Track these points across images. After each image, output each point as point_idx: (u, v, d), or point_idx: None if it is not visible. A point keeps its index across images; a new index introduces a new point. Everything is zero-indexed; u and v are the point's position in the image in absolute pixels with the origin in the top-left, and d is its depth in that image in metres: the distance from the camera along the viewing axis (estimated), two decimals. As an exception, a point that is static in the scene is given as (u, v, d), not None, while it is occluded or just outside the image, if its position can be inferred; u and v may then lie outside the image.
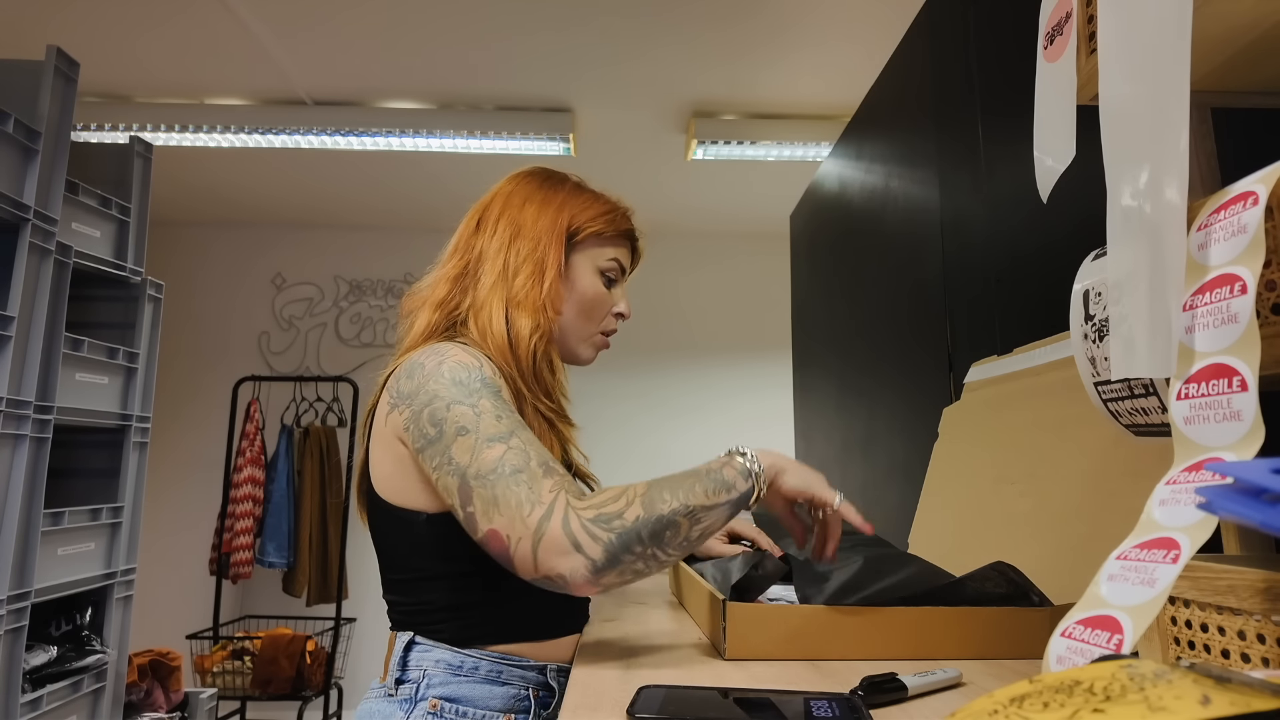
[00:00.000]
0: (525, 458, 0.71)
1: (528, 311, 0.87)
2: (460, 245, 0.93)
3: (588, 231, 0.92)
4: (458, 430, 0.73)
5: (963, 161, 1.28)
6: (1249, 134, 0.65)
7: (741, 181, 3.33)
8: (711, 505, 0.72)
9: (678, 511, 0.70)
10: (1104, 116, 0.52)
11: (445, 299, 0.89)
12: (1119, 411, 0.59)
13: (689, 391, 3.95)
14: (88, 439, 1.70)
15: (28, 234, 1.42)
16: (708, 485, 0.72)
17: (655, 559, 0.70)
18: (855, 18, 2.18)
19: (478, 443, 0.72)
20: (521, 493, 0.69)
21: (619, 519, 0.69)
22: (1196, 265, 0.46)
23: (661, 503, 0.70)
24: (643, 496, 0.70)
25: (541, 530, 0.67)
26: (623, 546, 0.68)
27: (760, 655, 0.72)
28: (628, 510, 0.69)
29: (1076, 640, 0.44)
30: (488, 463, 0.71)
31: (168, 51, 2.36)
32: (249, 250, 3.96)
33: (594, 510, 0.69)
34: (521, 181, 0.96)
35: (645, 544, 0.69)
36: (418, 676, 0.79)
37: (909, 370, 1.50)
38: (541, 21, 2.21)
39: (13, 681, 1.35)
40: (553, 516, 0.68)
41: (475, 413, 0.74)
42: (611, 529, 0.68)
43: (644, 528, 0.69)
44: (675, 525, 0.70)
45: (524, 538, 0.68)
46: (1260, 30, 0.52)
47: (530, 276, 0.88)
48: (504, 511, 0.69)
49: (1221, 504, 0.35)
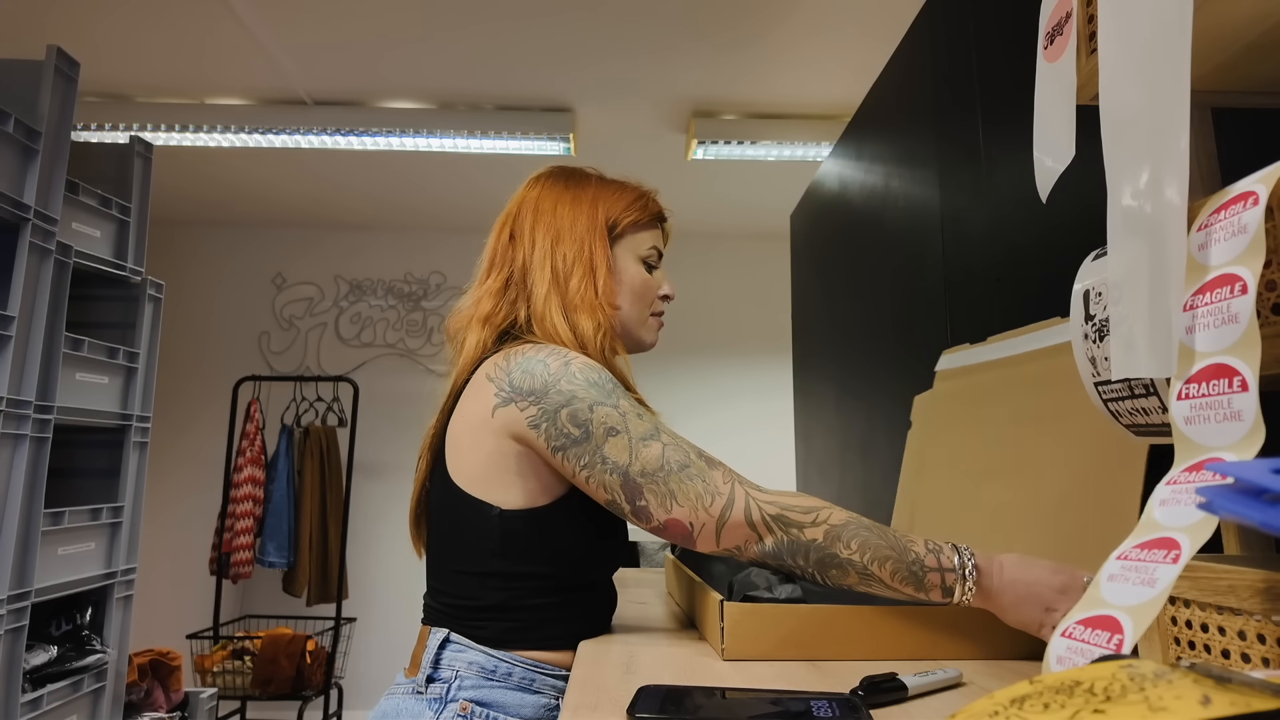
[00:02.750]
0: (684, 452, 0.75)
1: (586, 312, 0.87)
2: (497, 259, 0.92)
3: (625, 222, 0.93)
4: (607, 431, 0.76)
5: (963, 161, 1.28)
6: (1249, 134, 0.65)
7: (741, 181, 3.33)
8: (889, 587, 0.71)
9: (854, 565, 0.71)
10: (1104, 116, 0.52)
11: (492, 314, 0.89)
12: (1119, 411, 0.59)
13: (689, 391, 3.95)
14: (88, 439, 1.70)
15: (28, 234, 1.42)
16: (899, 569, 0.71)
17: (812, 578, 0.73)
18: (856, 17, 2.18)
19: (633, 442, 0.75)
20: (698, 486, 0.74)
21: (797, 529, 0.72)
22: (1197, 265, 0.46)
23: (844, 546, 0.71)
24: (829, 526, 0.72)
25: (725, 517, 0.73)
26: (790, 552, 0.72)
27: (758, 656, 0.72)
28: (810, 529, 0.72)
29: (1077, 640, 0.44)
30: (651, 460, 0.74)
31: (168, 51, 2.36)
32: (249, 250, 3.96)
33: (776, 508, 0.73)
34: (545, 185, 0.95)
35: (809, 565, 0.72)
36: (449, 676, 0.78)
37: (909, 370, 1.50)
38: (541, 21, 2.21)
39: (13, 681, 1.35)
40: (734, 505, 0.73)
41: (619, 413, 0.77)
42: (789, 534, 0.72)
43: (815, 553, 0.71)
44: (844, 571, 0.71)
45: (707, 524, 0.73)
46: (1260, 30, 0.52)
47: (583, 278, 0.88)
48: (683, 503, 0.73)
49: (1222, 504, 0.35)
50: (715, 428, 3.90)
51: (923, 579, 0.70)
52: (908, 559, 0.71)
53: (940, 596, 0.71)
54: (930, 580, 0.70)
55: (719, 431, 3.89)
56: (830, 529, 0.72)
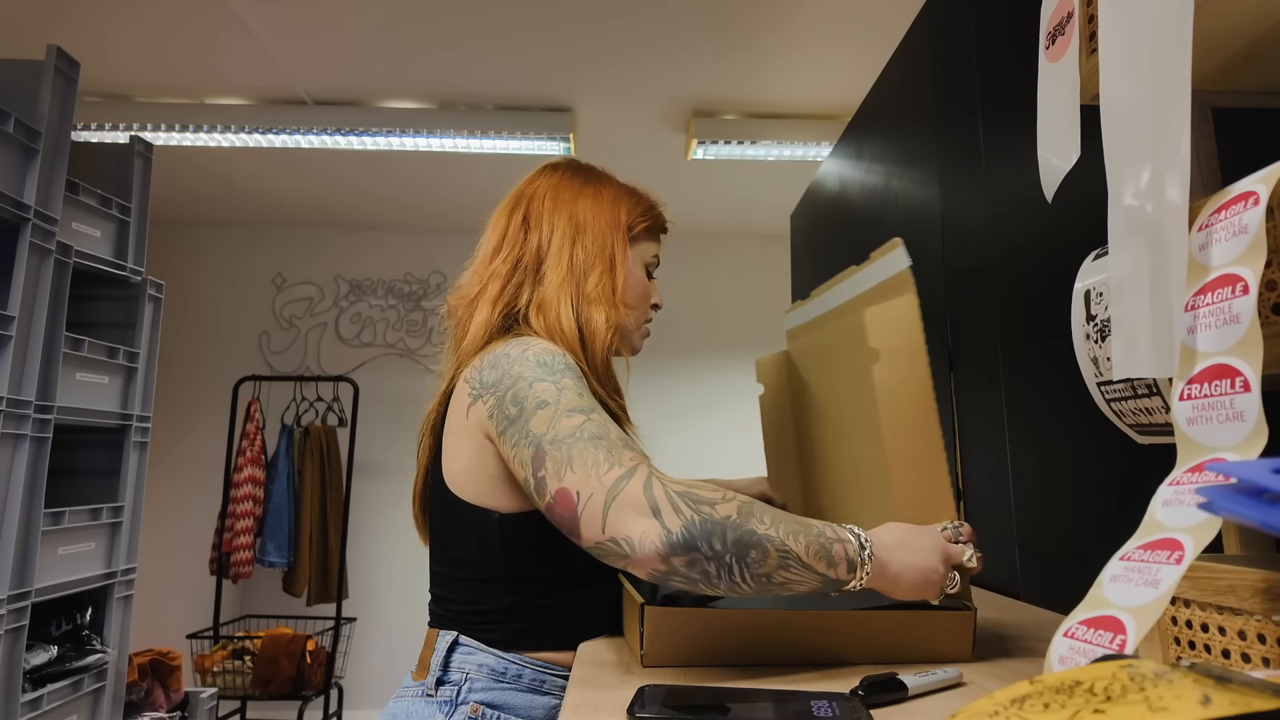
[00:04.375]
0: (605, 429, 0.69)
1: (602, 307, 0.87)
2: (508, 241, 0.91)
3: (640, 226, 0.94)
4: (538, 404, 0.71)
5: (963, 161, 1.28)
6: (1249, 134, 0.65)
7: (741, 181, 3.33)
8: (806, 564, 0.64)
9: (772, 540, 0.63)
10: (1105, 116, 0.52)
11: (500, 295, 0.88)
12: (1122, 411, 0.59)
13: (689, 391, 3.95)
14: (88, 439, 1.70)
15: (28, 234, 1.42)
16: (812, 543, 0.65)
17: (730, 572, 0.62)
18: (856, 17, 2.18)
19: (557, 413, 0.70)
20: (600, 454, 0.66)
21: (709, 506, 0.63)
22: (1198, 265, 0.46)
23: (759, 522, 0.64)
24: (740, 502, 0.65)
25: (619, 488, 0.63)
26: (704, 533, 0.62)
27: (680, 662, 0.69)
28: (721, 505, 0.64)
29: (1079, 640, 0.44)
30: (565, 429, 0.68)
31: (168, 51, 2.35)
32: (249, 250, 3.96)
33: (683, 486, 0.65)
34: (562, 175, 0.95)
35: (727, 547, 0.62)
36: (459, 679, 0.78)
37: (909, 370, 1.50)
38: (542, 21, 2.21)
39: (13, 681, 1.35)
40: (633, 478, 0.64)
41: (558, 389, 0.72)
42: (699, 511, 0.63)
43: (732, 530, 0.63)
44: (764, 551, 0.63)
45: (596, 494, 0.63)
46: (1260, 30, 0.52)
47: (603, 273, 0.88)
48: (577, 469, 0.65)
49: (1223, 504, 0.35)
50: (715, 428, 3.90)
51: (831, 552, 0.65)
52: (813, 532, 0.65)
53: (846, 572, 0.66)
54: (837, 553, 0.65)
55: (719, 432, 3.89)
56: (741, 505, 0.65)
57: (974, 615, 0.73)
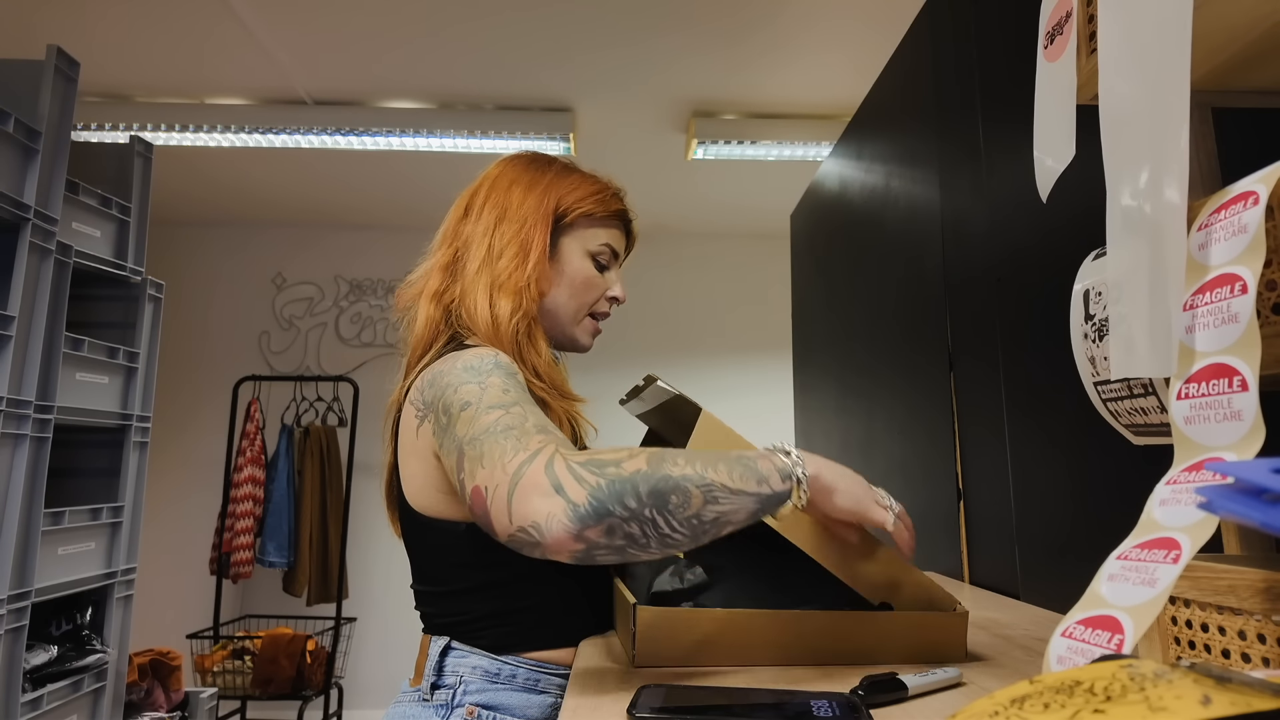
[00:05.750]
0: (522, 418, 0.65)
1: (509, 293, 0.85)
2: (449, 233, 0.91)
3: (577, 213, 0.91)
4: (462, 407, 0.69)
5: (963, 161, 1.28)
6: (1249, 134, 0.65)
7: (741, 181, 3.33)
8: (735, 490, 0.61)
9: (690, 479, 0.59)
10: (1104, 116, 0.52)
11: (439, 290, 0.88)
12: (1119, 411, 0.59)
13: (689, 391, 3.94)
14: (88, 439, 1.70)
15: (28, 234, 1.42)
16: (734, 467, 0.62)
17: (655, 527, 0.58)
18: (856, 17, 2.18)
19: (477, 412, 0.67)
20: (508, 444, 0.62)
21: (614, 466, 0.59)
22: (1197, 265, 0.46)
23: (673, 465, 0.60)
24: (651, 454, 0.60)
25: (520, 474, 0.59)
26: (613, 495, 0.57)
27: (672, 662, 0.69)
28: (628, 461, 0.59)
29: (1077, 640, 0.44)
30: (481, 426, 0.65)
31: (168, 51, 2.35)
32: (249, 250, 3.96)
33: (585, 456, 0.60)
34: (509, 165, 0.94)
35: (643, 501, 0.57)
36: (454, 682, 0.78)
37: (909, 370, 1.50)
38: (542, 21, 2.21)
39: (13, 681, 1.35)
40: (535, 460, 0.59)
41: (481, 388, 0.70)
42: (604, 475, 0.58)
43: (643, 481, 0.58)
44: (685, 493, 0.59)
45: (500, 484, 0.59)
46: (1260, 30, 0.52)
47: (514, 258, 0.86)
48: (486, 464, 0.62)
49: (1222, 504, 0.35)
50: (715, 428, 3.90)
51: (757, 469, 0.62)
52: (732, 456, 0.62)
53: (780, 482, 0.63)
54: (764, 469, 0.63)
55: (719, 431, 3.89)
56: (651, 455, 0.60)
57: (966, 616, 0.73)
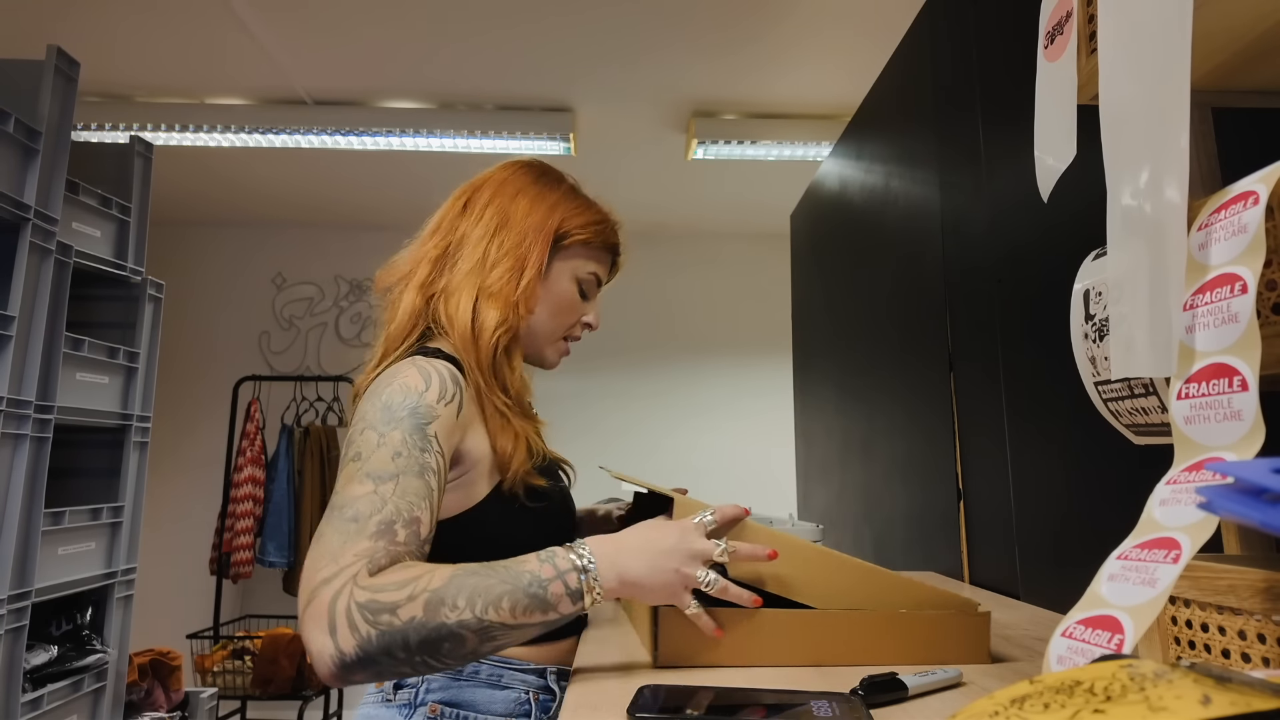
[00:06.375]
0: (375, 507, 0.65)
1: (498, 305, 0.85)
2: (443, 225, 0.91)
3: (576, 238, 0.91)
4: (353, 456, 0.70)
5: (963, 161, 1.28)
6: (1249, 134, 0.65)
7: (741, 181, 3.33)
8: (515, 625, 0.62)
9: (466, 625, 0.60)
10: (1104, 116, 0.52)
11: (426, 281, 0.87)
12: (1119, 411, 0.59)
13: (690, 391, 3.95)
14: (88, 439, 1.70)
15: (28, 234, 1.42)
16: (518, 601, 0.62)
17: (428, 665, 0.61)
18: (856, 17, 2.18)
19: (356, 475, 0.68)
20: (335, 543, 0.63)
21: (389, 614, 0.59)
22: (1197, 265, 0.46)
23: (449, 609, 0.60)
24: (429, 594, 0.60)
25: (316, 594, 0.60)
26: (381, 649, 0.59)
27: (693, 661, 0.70)
28: (405, 606, 0.60)
29: (1077, 640, 0.44)
30: (345, 498, 0.66)
31: (168, 51, 2.35)
32: (249, 250, 3.96)
33: (369, 594, 0.60)
34: (517, 171, 0.94)
35: (412, 651, 0.59)
36: (416, 681, 0.78)
37: (909, 370, 1.50)
38: (542, 21, 2.21)
39: (13, 681, 1.35)
40: (332, 584, 0.60)
41: (377, 443, 0.70)
42: (377, 623, 0.59)
43: (414, 633, 0.59)
44: (458, 638, 0.61)
45: (304, 590, 0.62)
46: (1260, 30, 0.52)
47: (509, 271, 0.86)
48: (314, 551, 0.63)
49: (1222, 504, 0.35)
50: (715, 428, 3.91)
51: (545, 595, 0.63)
52: (523, 583, 0.63)
53: (571, 605, 0.64)
54: (554, 594, 0.63)
55: (719, 432, 3.89)
56: (431, 595, 0.60)
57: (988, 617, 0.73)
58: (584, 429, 3.81)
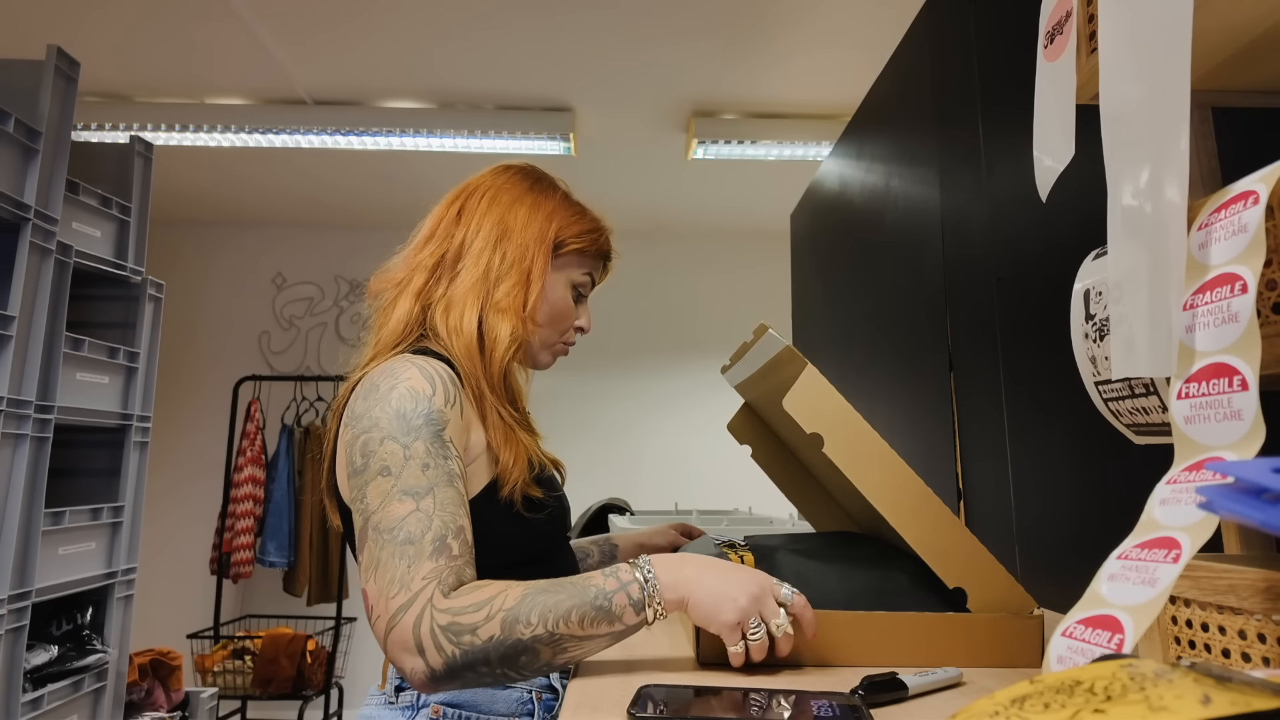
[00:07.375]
0: (425, 526, 0.69)
1: (509, 319, 0.85)
2: (438, 232, 0.90)
3: (572, 247, 0.91)
4: (380, 470, 0.71)
5: (964, 161, 1.28)
6: (1249, 134, 0.65)
7: (741, 181, 3.33)
8: (585, 636, 0.67)
9: (540, 639, 0.65)
10: (1104, 116, 0.52)
11: (423, 288, 0.87)
12: (1119, 411, 0.59)
13: (690, 392, 3.95)
14: (88, 439, 1.70)
15: (28, 234, 1.42)
16: (586, 614, 0.67)
17: (508, 677, 0.67)
18: (856, 17, 2.18)
19: (392, 491, 0.70)
20: (399, 570, 0.67)
21: (471, 634, 0.65)
22: (1197, 264, 0.46)
23: (524, 625, 0.65)
24: (505, 613, 0.65)
25: (395, 620, 0.65)
26: (466, 664, 0.65)
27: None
28: (484, 626, 0.65)
29: (1077, 640, 0.44)
30: (389, 519, 0.69)
31: (168, 51, 2.35)
32: (249, 250, 3.96)
33: (450, 616, 0.65)
34: (511, 178, 0.93)
35: (493, 665, 0.65)
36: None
37: (909, 370, 1.50)
38: (542, 21, 2.21)
39: (13, 681, 1.35)
40: (410, 609, 0.65)
41: (405, 455, 0.71)
42: (460, 644, 0.64)
43: (495, 650, 0.65)
44: (533, 652, 0.66)
45: (381, 618, 0.66)
46: (1260, 30, 0.52)
47: (516, 284, 0.87)
48: (378, 581, 0.67)
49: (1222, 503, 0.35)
50: (714, 428, 3.90)
51: (611, 607, 0.67)
52: (589, 596, 0.67)
53: (635, 617, 0.68)
54: (618, 605, 0.67)
55: (719, 432, 3.89)
56: (506, 614, 0.65)
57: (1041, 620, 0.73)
58: (583, 429, 3.81)
